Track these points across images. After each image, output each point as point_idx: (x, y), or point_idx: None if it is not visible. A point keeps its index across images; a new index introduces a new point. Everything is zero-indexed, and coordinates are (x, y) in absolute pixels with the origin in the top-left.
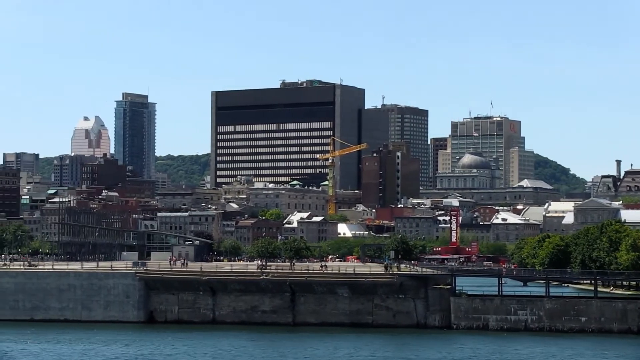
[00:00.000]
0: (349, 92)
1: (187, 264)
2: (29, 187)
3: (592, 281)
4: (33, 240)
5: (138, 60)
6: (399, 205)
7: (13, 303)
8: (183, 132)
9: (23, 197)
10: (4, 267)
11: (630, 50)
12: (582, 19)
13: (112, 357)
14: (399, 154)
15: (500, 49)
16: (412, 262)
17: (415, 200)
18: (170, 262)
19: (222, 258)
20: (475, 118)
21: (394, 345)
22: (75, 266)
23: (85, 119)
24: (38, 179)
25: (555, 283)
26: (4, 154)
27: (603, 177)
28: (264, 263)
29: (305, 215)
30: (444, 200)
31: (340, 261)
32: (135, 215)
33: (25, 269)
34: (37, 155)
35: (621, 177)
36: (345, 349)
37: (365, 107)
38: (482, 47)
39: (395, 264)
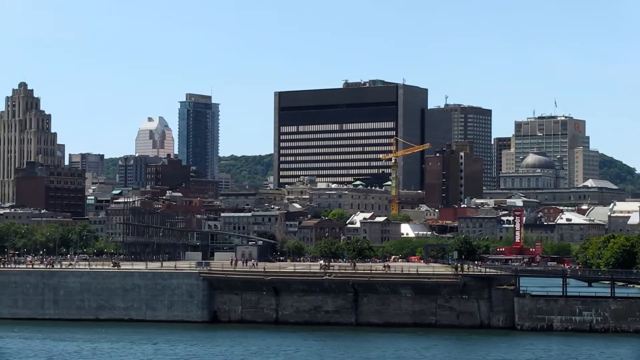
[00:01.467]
0: (412, 92)
1: (256, 264)
2: (94, 187)
3: None
4: (98, 241)
5: (201, 61)
6: (462, 206)
7: (79, 303)
8: (246, 132)
9: (88, 197)
10: (70, 267)
11: None
12: None
13: (182, 357)
14: (462, 153)
15: (564, 48)
16: (476, 262)
17: (478, 201)
18: (231, 262)
19: (285, 258)
20: (539, 118)
21: (458, 346)
22: (139, 266)
23: (150, 119)
24: (103, 180)
25: (621, 284)
26: (70, 155)
27: None
28: (327, 263)
29: (368, 215)
30: (508, 200)
31: (403, 261)
32: (199, 216)
33: (90, 269)
34: (102, 155)
35: None
36: (409, 350)
37: (429, 107)
38: (546, 46)
39: (460, 264)
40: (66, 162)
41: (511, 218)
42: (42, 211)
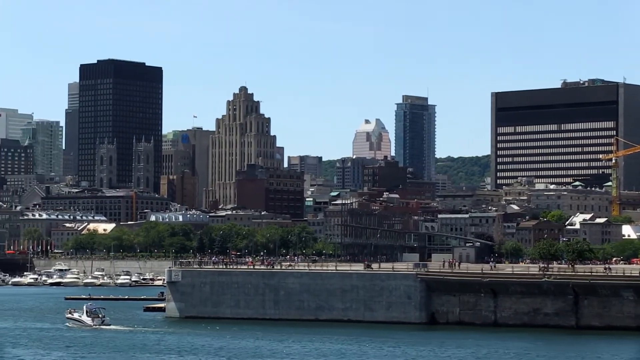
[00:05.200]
0: (633, 90)
1: (494, 266)
2: (313, 189)
3: None
4: (317, 242)
5: (418, 62)
6: None
7: (298, 303)
8: (463, 133)
9: (307, 199)
10: (289, 267)
11: None
12: None
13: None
14: None
15: None
16: None
17: None
18: (444, 264)
19: (503, 260)
20: None
21: None
22: (357, 267)
23: (367, 122)
24: (321, 182)
25: None
26: (289, 157)
27: None
28: (545, 265)
29: (588, 216)
30: None
31: (625, 264)
32: (415, 217)
33: (309, 269)
34: (320, 158)
35: None
36: (632, 353)
37: None
38: None
39: None
40: (285, 165)
41: None
42: (263, 213)
